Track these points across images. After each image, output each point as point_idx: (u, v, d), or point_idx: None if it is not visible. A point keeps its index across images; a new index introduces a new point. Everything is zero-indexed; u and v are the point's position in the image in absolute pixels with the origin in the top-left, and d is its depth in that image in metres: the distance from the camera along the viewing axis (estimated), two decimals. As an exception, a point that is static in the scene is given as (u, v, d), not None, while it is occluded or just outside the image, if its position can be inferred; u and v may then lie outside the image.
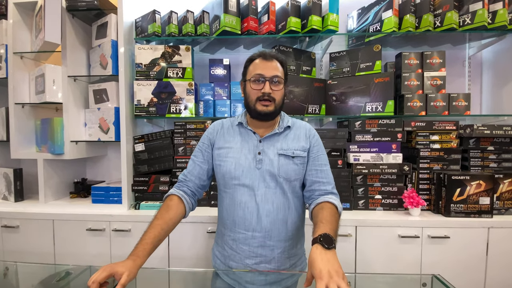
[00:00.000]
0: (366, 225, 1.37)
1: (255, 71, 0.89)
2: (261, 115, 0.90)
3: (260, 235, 0.89)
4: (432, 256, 1.35)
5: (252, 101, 0.90)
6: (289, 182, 0.91)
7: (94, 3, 1.48)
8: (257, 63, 0.90)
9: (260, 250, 0.90)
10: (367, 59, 1.55)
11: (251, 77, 0.89)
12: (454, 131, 1.51)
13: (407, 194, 1.43)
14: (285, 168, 0.90)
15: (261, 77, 0.88)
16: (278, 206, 0.90)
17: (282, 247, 0.91)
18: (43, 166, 1.57)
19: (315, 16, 1.45)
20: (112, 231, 1.44)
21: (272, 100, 0.89)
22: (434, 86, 1.54)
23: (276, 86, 0.89)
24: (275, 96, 0.89)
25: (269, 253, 0.90)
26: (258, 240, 0.89)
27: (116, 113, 1.53)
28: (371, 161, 1.50)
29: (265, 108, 0.88)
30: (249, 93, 0.91)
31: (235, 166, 0.91)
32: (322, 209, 0.84)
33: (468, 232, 1.35)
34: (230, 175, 0.91)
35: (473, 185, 1.39)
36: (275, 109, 0.90)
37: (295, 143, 0.93)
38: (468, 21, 1.47)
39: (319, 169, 0.93)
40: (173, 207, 0.89)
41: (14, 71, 1.58)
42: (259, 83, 0.88)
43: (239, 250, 0.91)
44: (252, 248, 0.90)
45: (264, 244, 0.89)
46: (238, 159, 0.91)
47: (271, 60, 0.90)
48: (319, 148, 0.96)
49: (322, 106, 1.64)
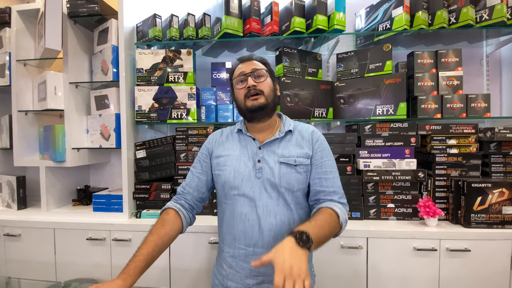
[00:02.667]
0: (378, 236, 1.28)
1: (236, 73, 0.90)
2: (253, 111, 0.86)
3: (262, 251, 0.82)
4: (451, 271, 1.25)
5: (242, 101, 0.87)
6: (292, 193, 0.84)
7: (95, 9, 1.46)
8: (238, 67, 0.91)
9: (263, 268, 0.82)
10: (377, 59, 1.47)
11: (234, 79, 0.90)
12: (473, 134, 1.40)
13: (422, 203, 1.34)
14: (286, 178, 0.83)
15: (242, 74, 0.88)
16: (281, 219, 0.83)
17: None
18: (45, 174, 1.56)
19: (320, 16, 1.38)
20: (113, 241, 1.41)
21: (260, 93, 0.85)
22: (450, 87, 1.44)
23: (258, 78, 0.87)
24: (261, 88, 0.86)
25: (272, 271, 0.83)
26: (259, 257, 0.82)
27: (116, 119, 1.50)
28: (382, 168, 1.41)
29: (255, 102, 0.85)
30: (237, 95, 0.89)
31: (234, 174, 0.85)
32: (319, 213, 0.79)
33: (491, 245, 1.24)
34: (230, 184, 0.85)
35: (495, 193, 1.28)
36: (267, 101, 0.86)
37: (297, 150, 0.86)
38: (486, 17, 1.37)
39: (324, 177, 0.86)
40: (169, 222, 0.83)
41: (18, 79, 1.58)
42: (243, 82, 0.87)
43: (238, 268, 0.84)
44: None
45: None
46: (237, 167, 0.86)
47: (248, 60, 0.91)
48: (323, 154, 0.88)
49: (330, 110, 1.56)
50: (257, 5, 1.45)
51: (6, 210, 1.64)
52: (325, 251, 1.26)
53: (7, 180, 1.66)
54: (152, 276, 1.37)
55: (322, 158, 0.87)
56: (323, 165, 0.86)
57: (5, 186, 1.67)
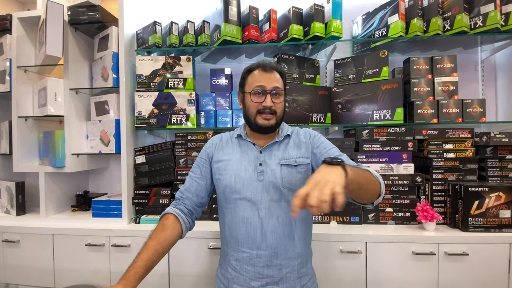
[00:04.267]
0: (377, 240, 1.28)
1: (255, 83, 0.86)
2: (262, 129, 0.87)
3: (265, 254, 0.83)
4: (450, 275, 1.25)
5: (253, 114, 0.87)
6: (294, 193, 0.84)
7: (95, 16, 1.48)
8: (257, 74, 0.87)
9: (267, 271, 0.83)
10: (374, 65, 1.49)
11: (251, 89, 0.86)
12: (469, 139, 1.42)
13: (420, 207, 1.35)
14: (288, 178, 0.85)
15: (262, 89, 0.85)
16: (283, 220, 0.84)
17: (291, 266, 0.84)
18: (44, 180, 1.56)
19: (317, 23, 1.41)
20: (112, 247, 1.40)
21: (273, 113, 0.86)
22: (445, 92, 1.46)
23: (277, 99, 0.86)
24: (276, 109, 0.86)
25: (277, 273, 0.83)
26: (263, 259, 0.83)
27: (116, 125, 1.51)
28: (380, 172, 1.42)
29: (266, 122, 0.85)
30: (249, 105, 0.88)
31: (235, 178, 0.86)
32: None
33: (488, 249, 1.25)
34: (230, 188, 0.86)
35: (492, 197, 1.30)
36: (276, 122, 0.87)
37: (296, 151, 0.89)
38: (480, 24, 1.40)
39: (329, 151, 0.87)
40: (169, 227, 0.83)
41: (18, 85, 1.59)
42: (260, 96, 0.86)
43: (243, 272, 0.84)
44: (258, 268, 0.83)
45: (271, 264, 0.83)
46: (238, 171, 0.87)
47: (271, 71, 0.87)
48: (325, 145, 0.89)
49: (328, 115, 1.58)
50: (255, 12, 1.47)
51: (5, 216, 1.63)
52: (323, 256, 1.27)
53: (6, 186, 1.66)
54: (151, 282, 1.37)
55: (326, 148, 0.88)
56: (327, 150, 0.88)
57: (4, 192, 1.67)
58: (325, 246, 1.28)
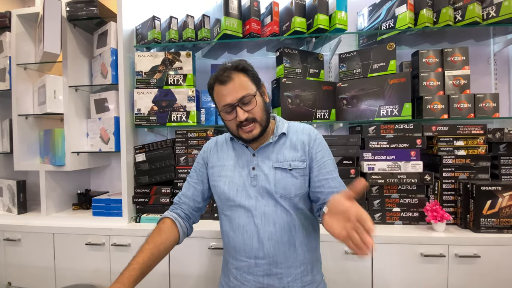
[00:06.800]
0: (384, 241, 1.23)
1: (220, 102, 0.78)
2: (249, 141, 0.81)
3: (264, 262, 0.78)
4: (460, 278, 1.20)
5: (234, 130, 0.80)
6: (289, 199, 0.79)
7: (94, 12, 1.45)
8: (218, 90, 0.78)
9: (267, 280, 0.78)
10: (380, 59, 1.43)
11: (220, 109, 0.79)
12: (481, 135, 1.35)
13: (429, 207, 1.29)
14: (282, 184, 0.78)
15: (228, 106, 0.76)
16: (281, 226, 0.78)
17: (293, 275, 0.79)
18: (45, 178, 1.55)
19: (321, 15, 1.35)
20: (112, 246, 1.39)
21: (253, 121, 0.78)
22: (457, 86, 1.39)
23: (248, 106, 0.76)
24: (253, 115, 0.77)
25: (277, 283, 0.79)
26: (262, 268, 0.78)
27: (116, 122, 1.48)
28: (387, 170, 1.36)
29: (249, 134, 0.78)
30: (227, 124, 0.81)
31: (229, 185, 0.82)
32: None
33: (501, 250, 1.20)
34: (225, 195, 0.82)
35: (506, 196, 1.24)
36: (261, 127, 0.79)
37: (291, 153, 0.81)
38: (493, 14, 1.33)
39: (330, 178, 0.79)
40: (166, 231, 0.81)
41: (18, 83, 1.58)
42: (230, 114, 0.77)
43: (244, 280, 0.80)
44: (258, 277, 0.79)
45: (270, 272, 0.78)
46: (232, 177, 0.82)
47: (228, 80, 0.76)
48: (324, 153, 0.82)
49: (332, 111, 1.52)
50: (256, 5, 1.43)
51: (7, 215, 1.63)
52: (328, 258, 1.23)
53: (8, 184, 1.65)
54: (151, 282, 1.34)
55: (323, 158, 0.82)
56: (325, 165, 0.81)
57: (6, 190, 1.67)
58: (330, 248, 1.23)
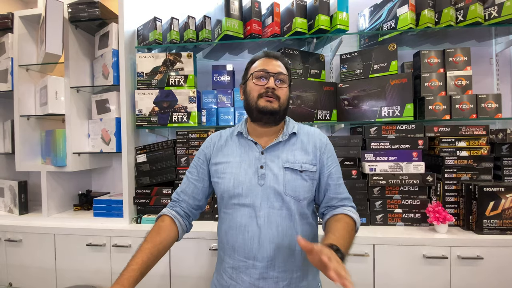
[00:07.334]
0: (386, 243, 1.23)
1: (259, 66, 0.82)
2: (263, 113, 0.79)
3: (261, 265, 0.77)
4: (463, 280, 1.19)
5: (254, 98, 0.80)
6: (298, 202, 0.79)
7: (95, 13, 1.46)
8: (263, 61, 0.83)
9: (262, 283, 0.77)
10: (382, 60, 1.42)
11: (254, 72, 0.81)
12: (484, 136, 1.34)
13: (431, 208, 1.28)
14: (292, 185, 0.78)
15: (265, 72, 0.80)
16: (283, 230, 0.78)
17: (289, 279, 0.78)
18: (46, 179, 1.55)
19: (322, 16, 1.35)
20: (113, 247, 1.38)
21: (276, 99, 0.80)
22: (459, 87, 1.39)
23: (281, 84, 0.81)
24: (279, 94, 0.80)
25: (273, 286, 0.78)
26: (258, 271, 0.77)
27: (117, 123, 1.48)
28: (389, 171, 1.36)
29: (269, 104, 0.79)
30: (250, 90, 0.82)
31: (234, 183, 0.80)
32: (337, 221, 0.77)
33: (504, 252, 1.19)
34: (229, 193, 0.81)
35: (509, 197, 1.23)
36: (280, 108, 0.80)
37: (302, 155, 0.82)
38: (495, 14, 1.32)
39: (337, 184, 0.83)
40: (165, 230, 0.80)
41: (20, 84, 1.59)
42: (262, 80, 0.81)
43: (239, 280, 0.79)
44: (253, 279, 0.78)
45: (266, 276, 0.77)
46: (237, 175, 0.81)
47: (275, 59, 0.84)
48: (333, 160, 0.85)
49: (333, 112, 1.52)
50: (257, 6, 1.43)
51: (8, 215, 1.63)
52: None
53: (9, 185, 1.66)
54: (153, 283, 1.34)
55: (332, 164, 0.84)
56: (334, 171, 0.84)
57: (7, 191, 1.67)
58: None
